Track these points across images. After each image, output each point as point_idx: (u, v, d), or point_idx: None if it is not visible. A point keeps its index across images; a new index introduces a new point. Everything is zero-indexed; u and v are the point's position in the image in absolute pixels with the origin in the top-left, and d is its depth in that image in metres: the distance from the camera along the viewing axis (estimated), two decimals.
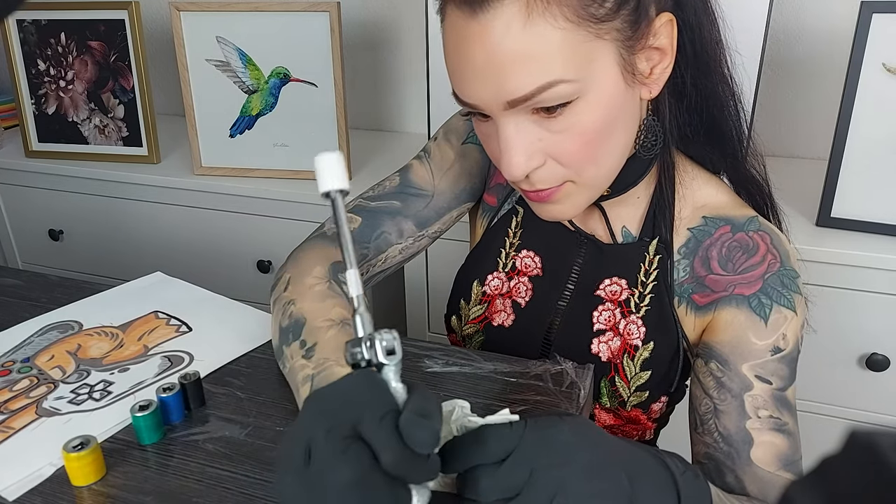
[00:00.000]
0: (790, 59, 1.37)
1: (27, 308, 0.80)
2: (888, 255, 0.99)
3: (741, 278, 0.64)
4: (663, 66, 0.58)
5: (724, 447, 0.62)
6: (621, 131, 0.58)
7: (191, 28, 1.31)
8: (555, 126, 0.55)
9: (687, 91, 0.63)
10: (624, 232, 0.70)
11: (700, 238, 0.67)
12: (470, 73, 0.54)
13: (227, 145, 1.38)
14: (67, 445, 0.52)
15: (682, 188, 0.67)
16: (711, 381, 0.63)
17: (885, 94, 1.00)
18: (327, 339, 0.57)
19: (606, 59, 0.53)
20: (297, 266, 0.67)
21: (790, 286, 0.63)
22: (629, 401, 0.69)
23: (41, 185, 1.53)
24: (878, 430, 0.19)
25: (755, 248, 0.65)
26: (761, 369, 0.61)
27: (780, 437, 0.61)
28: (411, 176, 0.77)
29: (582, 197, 0.61)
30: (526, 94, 0.52)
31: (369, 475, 0.35)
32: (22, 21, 1.44)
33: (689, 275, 0.67)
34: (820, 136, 1.37)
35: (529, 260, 0.74)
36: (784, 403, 0.62)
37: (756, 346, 0.62)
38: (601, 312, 0.69)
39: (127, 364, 0.69)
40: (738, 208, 0.67)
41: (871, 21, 0.97)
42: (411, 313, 1.38)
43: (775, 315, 0.62)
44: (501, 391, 0.63)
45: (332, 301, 0.61)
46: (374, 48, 1.64)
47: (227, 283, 1.42)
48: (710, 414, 0.63)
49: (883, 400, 1.08)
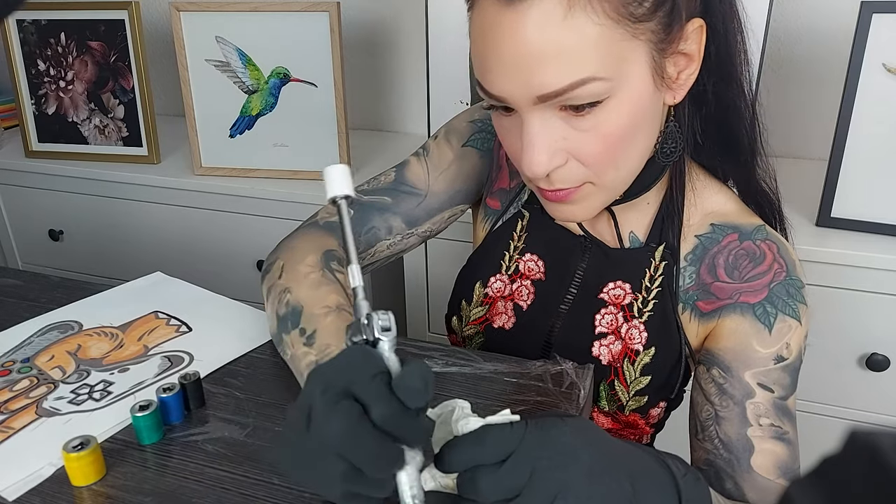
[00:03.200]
0: (790, 59, 1.37)
1: (27, 308, 0.80)
2: (888, 255, 0.99)
3: (747, 286, 0.64)
4: (689, 72, 0.57)
5: (724, 454, 0.62)
6: (644, 135, 0.58)
7: (191, 28, 1.31)
8: (581, 125, 0.54)
9: (707, 99, 0.62)
10: (631, 237, 0.69)
11: (707, 245, 0.66)
12: (500, 64, 0.52)
13: (227, 145, 1.38)
14: (67, 445, 0.52)
15: (693, 195, 0.67)
16: (713, 387, 0.63)
17: (885, 94, 1.00)
18: (326, 325, 0.57)
19: (639, 60, 0.53)
20: (291, 254, 0.67)
21: (796, 296, 0.63)
22: (628, 405, 0.68)
23: (41, 185, 1.53)
24: (878, 430, 0.19)
25: (762, 256, 0.64)
26: (764, 377, 0.61)
27: (780, 445, 0.61)
28: (407, 173, 0.77)
29: (599, 199, 0.60)
30: (558, 89, 0.51)
31: (358, 427, 0.36)
32: (22, 21, 1.44)
33: (694, 282, 0.67)
34: (820, 136, 1.37)
35: (533, 263, 0.74)
36: (785, 412, 0.62)
37: (759, 353, 0.62)
38: (603, 316, 0.69)
39: (127, 364, 0.69)
40: (746, 216, 0.67)
41: (871, 21, 0.97)
42: (411, 313, 1.38)
43: (780, 324, 0.62)
44: (501, 391, 0.63)
45: (328, 288, 0.62)
46: (374, 48, 1.64)
47: (227, 283, 1.42)
48: (710, 420, 0.63)
49: (883, 400, 1.08)
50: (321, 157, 1.34)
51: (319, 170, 1.49)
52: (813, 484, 0.21)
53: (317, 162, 1.35)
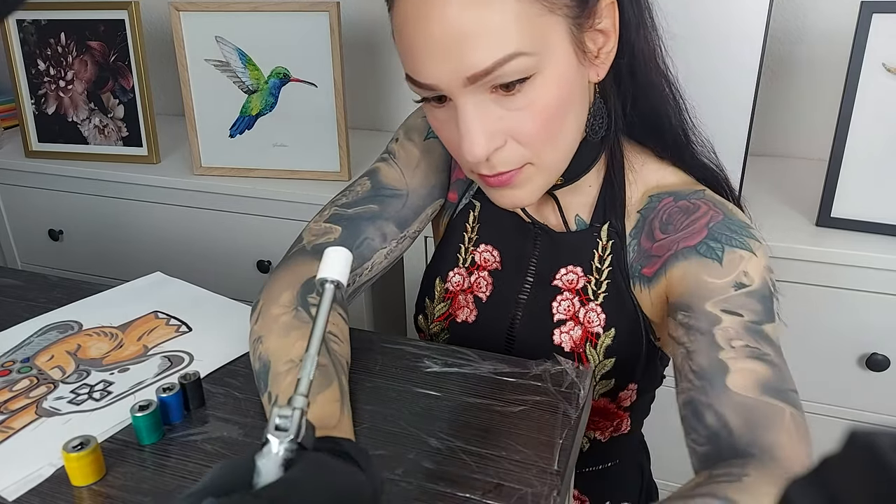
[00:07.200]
0: (790, 59, 1.37)
1: (27, 308, 0.80)
2: (888, 255, 0.99)
3: (684, 233, 0.63)
4: (608, 49, 0.59)
5: (697, 382, 0.56)
6: (575, 112, 0.59)
7: (190, 28, 1.31)
8: (514, 104, 0.55)
9: (622, 74, 0.63)
10: (577, 220, 0.70)
11: (646, 215, 0.67)
12: (428, 50, 0.53)
13: (227, 145, 1.38)
14: (67, 445, 0.52)
15: (631, 173, 0.68)
16: (681, 329, 0.60)
17: (885, 94, 1.00)
18: (286, 389, 0.55)
19: (560, 35, 0.54)
20: (268, 292, 0.65)
21: (740, 232, 0.61)
22: (596, 390, 0.69)
23: (41, 185, 1.53)
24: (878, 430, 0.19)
25: (696, 208, 0.64)
26: (726, 304, 0.58)
27: (760, 364, 0.54)
28: (381, 178, 0.75)
29: (540, 181, 0.61)
30: (486, 67, 0.52)
31: None
32: (22, 21, 1.44)
33: (636, 253, 0.67)
34: (820, 136, 1.37)
35: (488, 254, 0.74)
36: (762, 336, 0.56)
37: (715, 283, 0.59)
38: (560, 302, 0.69)
39: (127, 364, 0.69)
40: (689, 185, 0.67)
41: (871, 21, 0.97)
42: (411, 313, 1.38)
43: (729, 255, 0.60)
44: (500, 391, 0.63)
45: (297, 333, 0.59)
46: (374, 48, 1.64)
47: (227, 283, 1.42)
48: (683, 360, 0.58)
49: (883, 400, 1.08)
50: (321, 157, 1.34)
51: (319, 170, 1.49)
52: (813, 484, 0.21)
53: (317, 162, 1.35)
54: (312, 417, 0.50)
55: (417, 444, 0.57)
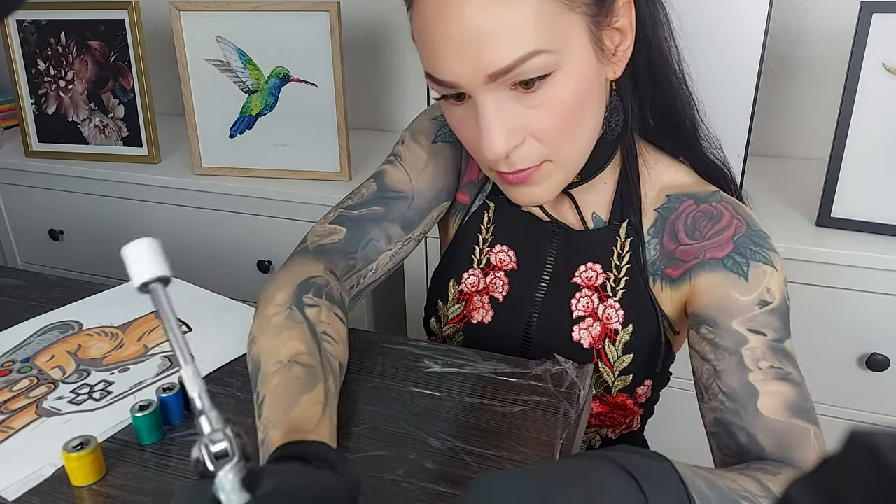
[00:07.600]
0: (790, 59, 1.37)
1: (27, 308, 0.80)
2: (888, 255, 0.99)
3: (710, 243, 0.65)
4: (625, 47, 0.59)
5: (729, 405, 0.60)
6: (593, 109, 0.60)
7: (191, 28, 1.31)
8: (533, 101, 0.55)
9: (640, 72, 0.64)
10: (595, 218, 0.70)
11: (666, 215, 0.68)
12: (448, 48, 0.54)
13: (227, 145, 1.38)
14: (67, 445, 0.52)
15: (646, 170, 0.69)
16: (706, 345, 0.63)
17: (885, 94, 0.99)
18: (271, 391, 0.54)
19: (579, 32, 0.55)
20: (266, 293, 0.64)
21: (762, 244, 0.64)
22: (614, 385, 0.69)
23: (41, 185, 1.53)
24: (878, 430, 0.19)
25: (720, 215, 0.66)
26: (752, 322, 0.61)
27: (785, 385, 0.59)
28: (387, 180, 0.75)
29: (558, 178, 0.61)
30: (507, 65, 0.53)
31: None
32: (22, 21, 1.44)
33: (659, 252, 0.68)
34: (820, 136, 1.37)
35: (504, 254, 0.74)
36: (784, 354, 0.60)
37: (741, 301, 0.62)
38: (579, 299, 0.70)
39: (127, 364, 0.69)
40: (701, 185, 0.69)
41: (871, 21, 0.97)
42: (411, 313, 1.38)
43: (754, 271, 0.62)
44: (501, 391, 0.63)
45: (288, 334, 0.58)
46: (374, 48, 1.64)
47: (227, 283, 1.42)
48: (712, 378, 0.62)
49: (883, 400, 1.08)
50: (321, 156, 1.34)
51: (320, 170, 1.49)
52: (813, 484, 0.21)
53: (317, 162, 1.35)
54: (292, 419, 0.50)
55: (418, 445, 0.57)
